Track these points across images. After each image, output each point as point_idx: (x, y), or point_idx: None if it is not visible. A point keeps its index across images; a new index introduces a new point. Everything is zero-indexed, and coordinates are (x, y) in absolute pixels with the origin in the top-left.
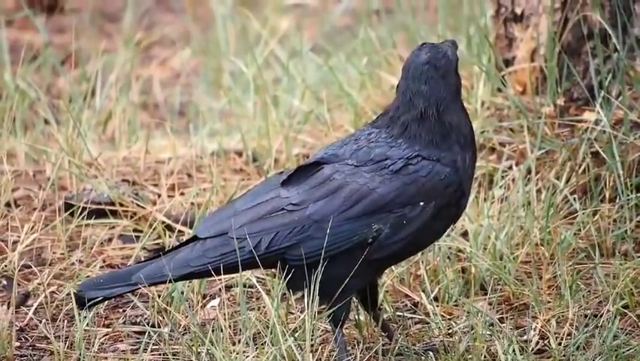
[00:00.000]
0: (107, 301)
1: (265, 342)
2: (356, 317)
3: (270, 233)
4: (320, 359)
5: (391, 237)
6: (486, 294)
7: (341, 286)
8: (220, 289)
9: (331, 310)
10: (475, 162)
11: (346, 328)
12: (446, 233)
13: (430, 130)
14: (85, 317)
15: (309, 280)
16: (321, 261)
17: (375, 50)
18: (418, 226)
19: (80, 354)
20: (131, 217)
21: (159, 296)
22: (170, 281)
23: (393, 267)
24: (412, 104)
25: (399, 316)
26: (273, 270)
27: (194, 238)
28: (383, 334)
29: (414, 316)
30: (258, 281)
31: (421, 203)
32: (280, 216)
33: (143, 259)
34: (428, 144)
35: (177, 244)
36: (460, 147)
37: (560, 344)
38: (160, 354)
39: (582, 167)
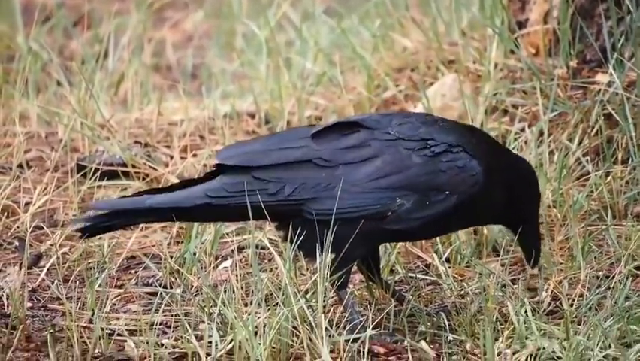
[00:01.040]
0: (117, 260)
1: (277, 303)
2: (369, 276)
3: (295, 182)
4: (332, 320)
5: (411, 213)
6: (498, 255)
7: (348, 251)
8: (232, 251)
9: (335, 275)
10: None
11: (358, 289)
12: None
13: (483, 142)
14: (97, 278)
15: (321, 241)
16: (332, 222)
17: (388, 12)
18: (438, 210)
19: (92, 315)
20: (144, 179)
21: (171, 257)
22: (182, 212)
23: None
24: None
25: (411, 277)
26: (282, 232)
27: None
28: (394, 299)
29: (426, 277)
30: (270, 243)
31: (447, 192)
32: (308, 168)
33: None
34: (473, 145)
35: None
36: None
37: (571, 305)
38: (172, 315)
39: (595, 129)
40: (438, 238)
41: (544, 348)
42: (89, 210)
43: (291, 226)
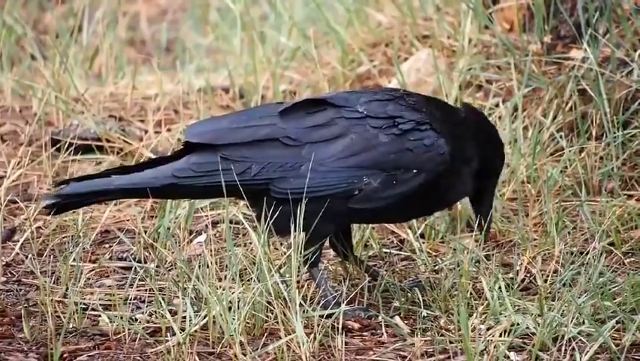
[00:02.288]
0: (91, 234)
1: (251, 278)
2: (343, 252)
3: (262, 161)
4: (306, 295)
5: (378, 192)
6: (472, 231)
7: (316, 229)
8: (206, 226)
9: (305, 252)
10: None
11: (332, 264)
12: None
13: (453, 119)
14: (71, 253)
15: (294, 217)
16: (300, 201)
17: None
18: (404, 189)
19: (66, 289)
20: (118, 153)
21: (145, 232)
22: (150, 191)
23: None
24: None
25: (385, 253)
26: (256, 210)
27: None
28: (367, 275)
29: (400, 253)
30: (244, 218)
31: (414, 170)
32: (275, 147)
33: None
34: (442, 124)
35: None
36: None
37: (545, 281)
38: (146, 290)
39: (569, 104)
40: None
41: (518, 324)
42: (58, 189)
43: (264, 203)
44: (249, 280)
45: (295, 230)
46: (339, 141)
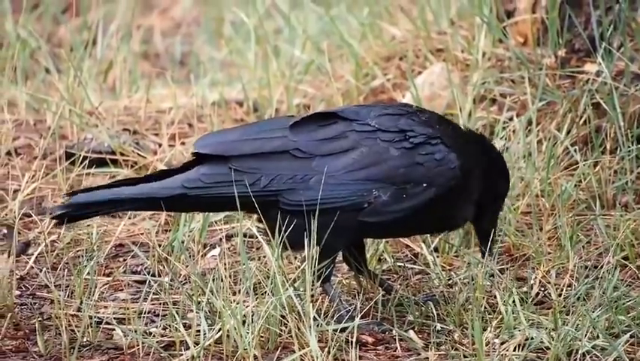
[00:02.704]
0: (105, 248)
1: (265, 292)
2: (355, 269)
3: (271, 173)
4: (320, 309)
5: (388, 206)
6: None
7: (327, 243)
8: (220, 239)
9: (318, 267)
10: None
11: (346, 278)
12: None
13: (462, 137)
14: (85, 266)
15: (302, 232)
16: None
17: (377, 0)
18: (415, 203)
19: (81, 303)
20: (132, 166)
21: (160, 246)
22: (160, 202)
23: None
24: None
25: (399, 266)
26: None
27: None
28: (381, 289)
29: (414, 266)
30: (258, 231)
31: (424, 185)
32: (284, 159)
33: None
34: (451, 138)
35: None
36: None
37: (559, 295)
38: (160, 303)
39: (583, 118)
40: None
41: (532, 338)
42: (69, 201)
43: (275, 216)
44: (262, 294)
45: (307, 243)
46: (349, 154)
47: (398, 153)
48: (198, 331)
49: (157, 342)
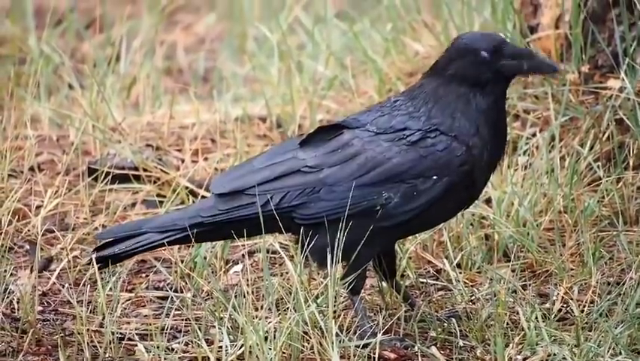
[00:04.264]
0: (128, 263)
1: (288, 308)
2: (379, 283)
3: (282, 192)
4: (342, 325)
5: (400, 206)
6: (509, 261)
7: (353, 253)
8: (243, 255)
9: (346, 279)
10: (497, 162)
11: (369, 294)
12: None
13: (454, 106)
14: (108, 282)
15: (331, 246)
16: (326, 224)
17: (400, 15)
18: (427, 199)
19: (103, 319)
20: (155, 182)
21: (182, 262)
22: (180, 232)
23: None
24: (444, 77)
25: (422, 282)
26: (294, 236)
27: None
28: (405, 303)
29: (436, 282)
30: (280, 247)
31: (434, 177)
32: (294, 177)
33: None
34: (447, 118)
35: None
36: (481, 138)
37: (582, 311)
38: (182, 319)
39: (606, 134)
40: (449, 244)
41: (554, 354)
42: (96, 240)
43: (301, 234)
44: (285, 310)
45: (329, 257)
46: (355, 161)
47: (399, 149)
48: (220, 347)
49: (179, 358)
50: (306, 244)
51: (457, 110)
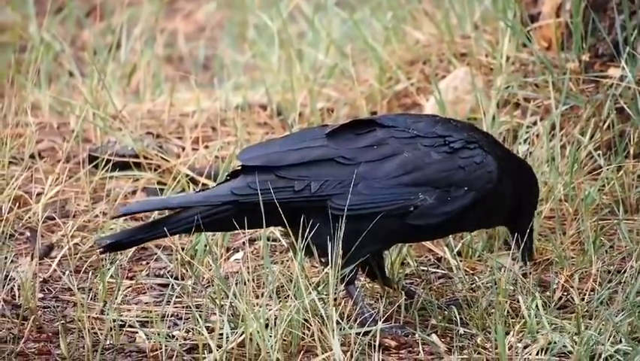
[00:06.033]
0: (129, 251)
1: (288, 296)
2: (372, 272)
3: (320, 179)
4: (343, 312)
5: (435, 208)
6: (509, 249)
7: (363, 246)
8: (244, 243)
9: (344, 270)
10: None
11: (369, 282)
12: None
13: (493, 142)
14: (108, 269)
15: (333, 234)
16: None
17: (400, 4)
18: (457, 206)
19: (104, 306)
20: (155, 170)
21: (183, 249)
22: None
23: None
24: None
25: (422, 270)
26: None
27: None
28: (402, 291)
29: (437, 270)
30: (281, 235)
31: (465, 188)
32: (331, 166)
33: None
34: (487, 142)
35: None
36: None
37: (582, 299)
38: (183, 307)
39: (607, 123)
40: None
41: (555, 342)
42: (119, 214)
43: (308, 223)
44: (285, 298)
45: (335, 246)
46: (393, 160)
47: (439, 157)
48: (221, 334)
49: (180, 345)
50: (314, 234)
51: (491, 140)
